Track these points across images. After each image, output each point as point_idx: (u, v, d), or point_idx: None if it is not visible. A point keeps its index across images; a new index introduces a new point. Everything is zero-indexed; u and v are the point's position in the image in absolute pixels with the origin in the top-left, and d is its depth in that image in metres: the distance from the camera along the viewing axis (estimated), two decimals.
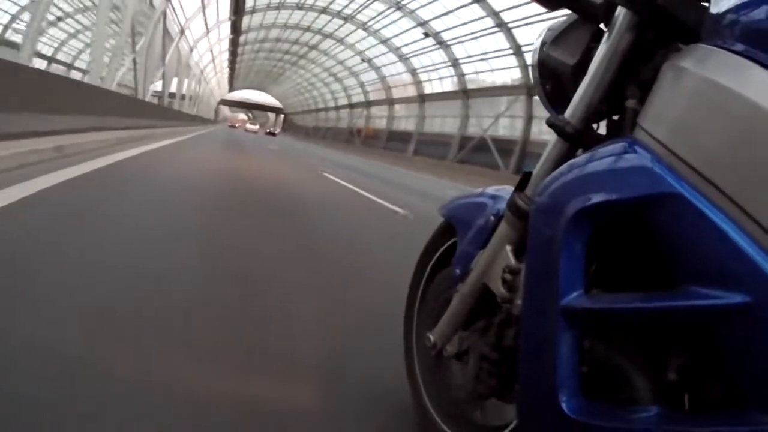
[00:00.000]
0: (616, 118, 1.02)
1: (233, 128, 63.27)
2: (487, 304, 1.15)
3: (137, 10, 17.49)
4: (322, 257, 3.44)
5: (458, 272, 1.23)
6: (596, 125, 1.05)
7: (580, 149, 1.02)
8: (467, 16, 27.23)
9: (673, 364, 0.77)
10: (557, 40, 1.12)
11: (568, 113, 1.02)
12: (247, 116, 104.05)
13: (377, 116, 46.08)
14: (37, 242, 2.42)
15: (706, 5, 0.87)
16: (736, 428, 0.66)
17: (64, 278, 2.04)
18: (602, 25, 1.06)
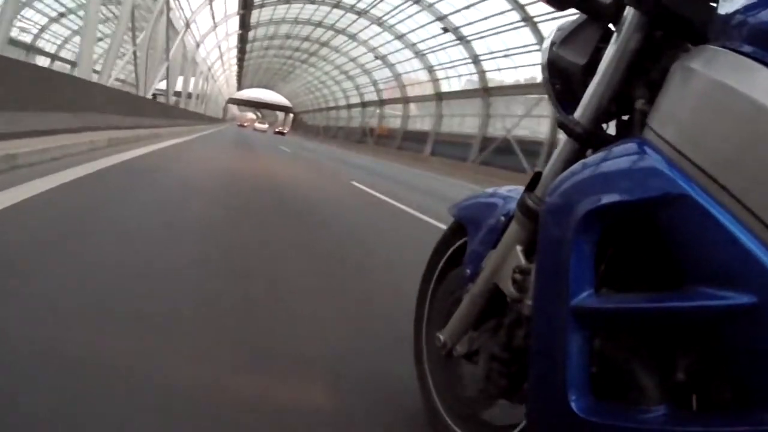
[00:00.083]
0: (625, 118, 1.03)
1: (242, 127, 63.44)
2: (497, 304, 1.15)
3: (139, 3, 16.11)
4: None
5: (469, 272, 1.24)
6: (605, 125, 1.05)
7: (589, 149, 1.03)
8: (490, 10, 25.45)
9: (681, 364, 0.78)
10: (567, 40, 1.12)
11: (577, 113, 1.03)
12: (255, 115, 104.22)
13: (390, 115, 45.29)
14: None
15: (713, 5, 0.87)
16: (743, 428, 0.67)
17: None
18: (611, 25, 1.06)
